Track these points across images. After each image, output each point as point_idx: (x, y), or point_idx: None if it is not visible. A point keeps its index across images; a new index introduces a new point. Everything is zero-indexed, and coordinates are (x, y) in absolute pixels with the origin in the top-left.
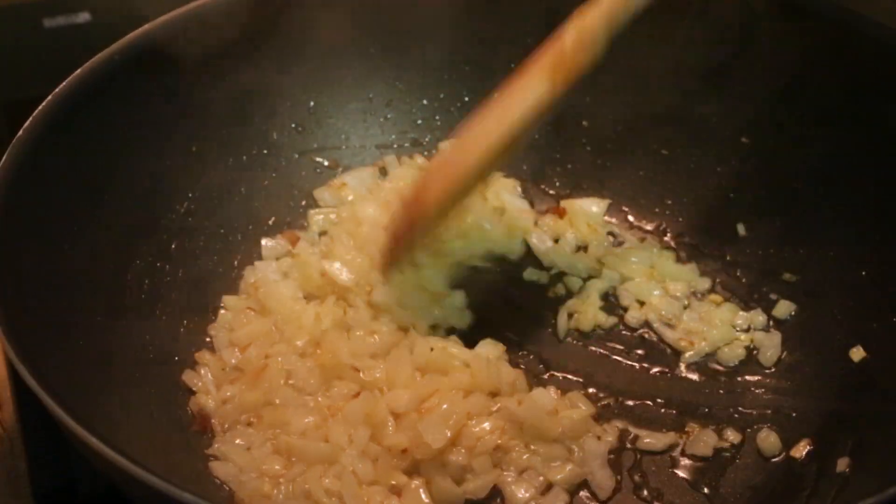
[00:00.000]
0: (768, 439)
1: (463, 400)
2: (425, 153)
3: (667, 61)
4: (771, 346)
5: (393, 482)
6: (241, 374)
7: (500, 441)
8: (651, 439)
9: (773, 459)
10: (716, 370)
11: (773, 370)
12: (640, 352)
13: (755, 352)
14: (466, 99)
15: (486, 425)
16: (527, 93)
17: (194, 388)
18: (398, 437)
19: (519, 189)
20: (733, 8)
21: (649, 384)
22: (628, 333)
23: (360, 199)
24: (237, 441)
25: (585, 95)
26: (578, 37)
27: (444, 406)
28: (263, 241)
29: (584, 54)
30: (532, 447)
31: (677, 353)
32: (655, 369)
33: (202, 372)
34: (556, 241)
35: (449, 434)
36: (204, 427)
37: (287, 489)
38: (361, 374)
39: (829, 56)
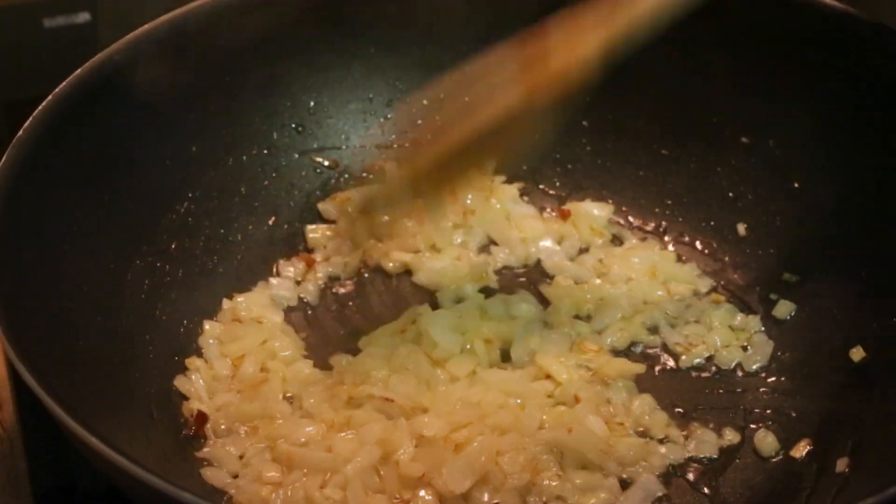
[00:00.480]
0: (766, 439)
1: (498, 437)
2: None
3: (666, 61)
4: (760, 354)
5: (400, 495)
6: (236, 382)
7: (532, 479)
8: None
9: (773, 459)
10: (715, 370)
11: (772, 370)
12: (639, 351)
13: (749, 353)
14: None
15: (519, 460)
16: (497, 98)
17: (187, 395)
18: (415, 465)
19: (518, 193)
20: (733, 8)
21: (650, 384)
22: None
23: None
24: (231, 449)
25: (585, 95)
26: (568, 60)
27: (475, 444)
28: (280, 263)
29: (568, 80)
30: (564, 474)
31: (677, 354)
32: (656, 369)
33: (193, 378)
34: (559, 243)
35: (473, 482)
36: (198, 431)
37: (286, 494)
38: (396, 401)
39: (830, 56)
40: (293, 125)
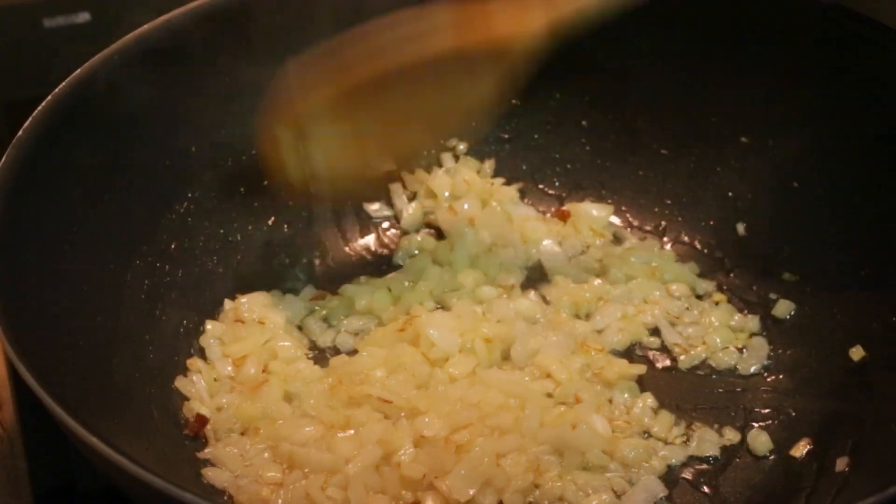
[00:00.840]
0: (759, 438)
1: (499, 439)
2: (423, 160)
3: (666, 61)
4: (755, 358)
5: (401, 496)
6: (238, 383)
7: (535, 480)
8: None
9: (773, 459)
10: (715, 370)
11: (772, 369)
12: (640, 351)
13: (745, 357)
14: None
15: (521, 461)
16: (428, 40)
17: (187, 396)
18: (416, 467)
19: (518, 195)
20: (733, 7)
21: (650, 383)
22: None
23: None
24: (231, 449)
25: (584, 95)
26: (515, 28)
27: (476, 448)
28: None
29: (515, 46)
30: (566, 475)
31: (677, 354)
32: (656, 368)
33: (194, 379)
34: (560, 244)
35: (477, 489)
36: (197, 432)
37: (286, 495)
38: (394, 403)
39: (830, 56)
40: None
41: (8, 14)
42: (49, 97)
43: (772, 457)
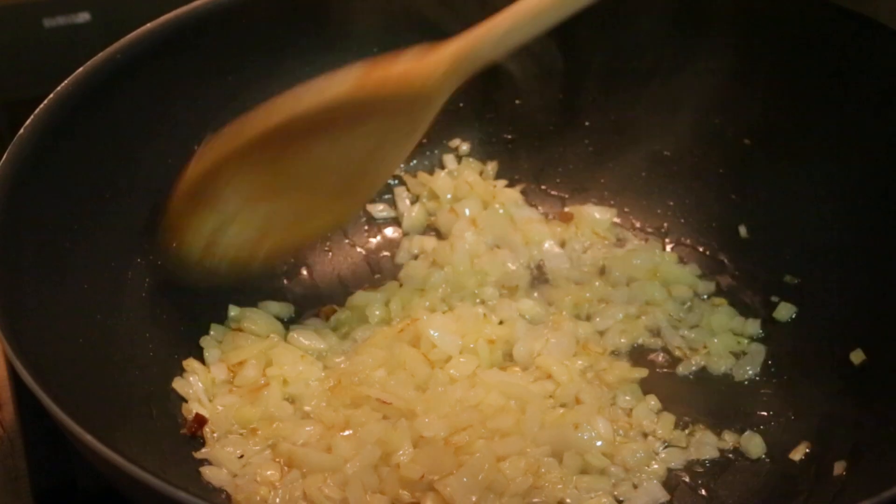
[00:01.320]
0: (752, 440)
1: (499, 441)
2: (427, 161)
3: (668, 62)
4: (751, 364)
5: (401, 493)
6: (236, 387)
7: (535, 483)
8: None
9: (770, 462)
10: (715, 373)
11: (772, 372)
12: (641, 353)
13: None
14: (461, 105)
15: (521, 465)
16: (329, 88)
17: (185, 397)
18: (415, 468)
19: (520, 197)
20: (735, 9)
21: (650, 385)
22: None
23: None
24: (230, 449)
25: (588, 96)
26: (413, 72)
27: (477, 454)
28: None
29: (412, 88)
30: (566, 478)
31: (678, 357)
32: (656, 370)
33: (191, 380)
34: (562, 245)
35: (479, 495)
36: (196, 432)
37: (284, 494)
38: (392, 404)
39: (830, 57)
40: None
41: (8, 14)
42: (51, 95)
43: (770, 460)
